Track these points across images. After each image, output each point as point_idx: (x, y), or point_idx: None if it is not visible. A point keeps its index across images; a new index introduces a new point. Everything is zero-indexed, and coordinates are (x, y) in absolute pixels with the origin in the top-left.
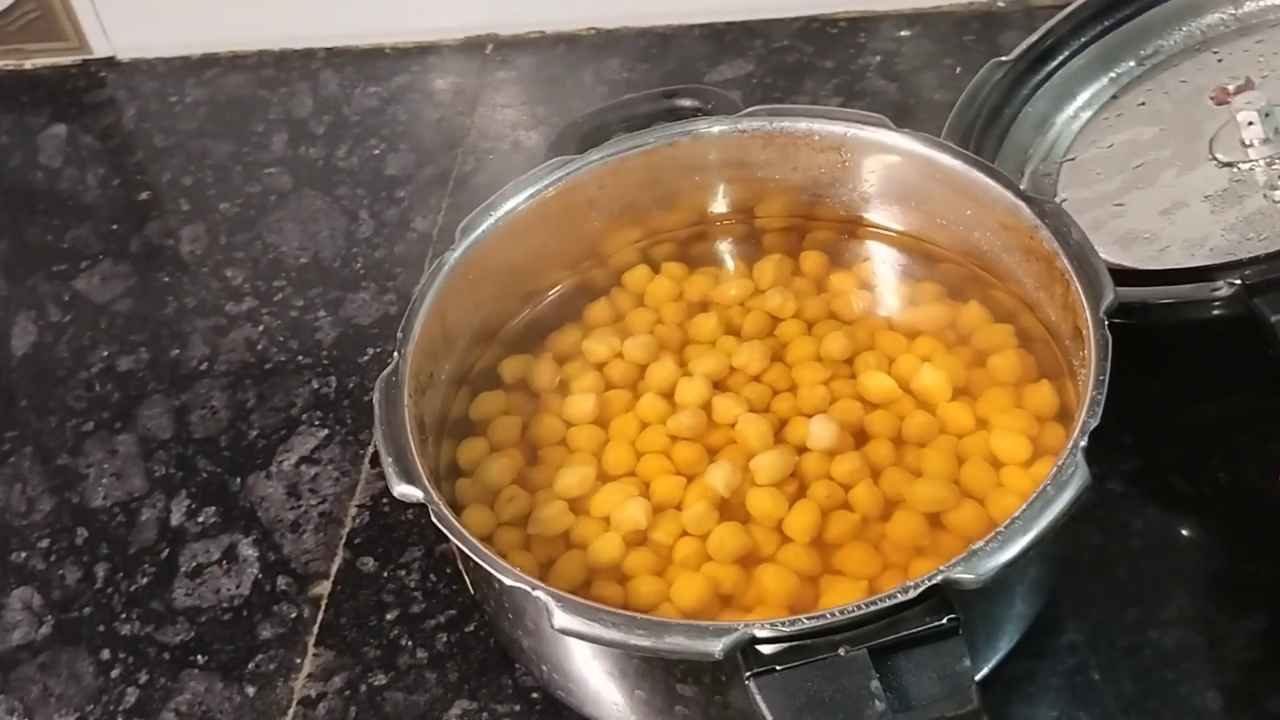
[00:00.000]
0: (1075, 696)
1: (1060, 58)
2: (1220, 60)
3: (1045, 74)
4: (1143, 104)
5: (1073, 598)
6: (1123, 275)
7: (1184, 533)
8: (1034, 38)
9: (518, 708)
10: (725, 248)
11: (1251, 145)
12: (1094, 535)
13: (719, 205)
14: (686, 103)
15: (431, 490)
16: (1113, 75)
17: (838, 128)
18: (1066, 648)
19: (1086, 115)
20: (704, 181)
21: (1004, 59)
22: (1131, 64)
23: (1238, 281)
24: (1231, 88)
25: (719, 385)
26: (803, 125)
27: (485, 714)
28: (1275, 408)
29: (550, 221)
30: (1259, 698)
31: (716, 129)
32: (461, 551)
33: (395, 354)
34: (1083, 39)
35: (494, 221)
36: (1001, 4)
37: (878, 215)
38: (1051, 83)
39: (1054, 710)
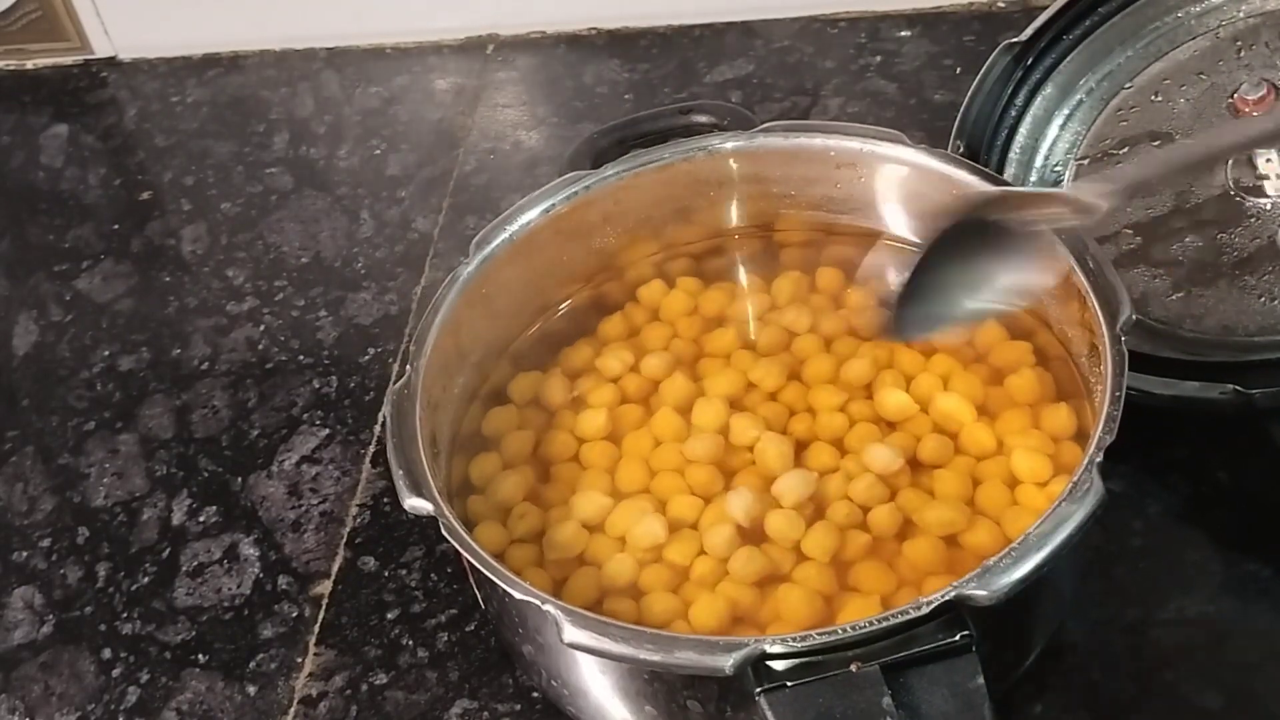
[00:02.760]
0: (1075, 696)
1: (1072, 38)
2: (1240, 53)
3: (1056, 57)
4: (1158, 98)
5: (1073, 598)
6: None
7: (1184, 533)
8: (1044, 18)
9: (518, 707)
10: (741, 263)
11: (1268, 179)
12: (1094, 535)
13: (734, 220)
14: (702, 118)
15: (442, 504)
16: (1124, 59)
17: (854, 143)
18: (1066, 648)
19: (1099, 104)
20: (719, 197)
21: (1015, 40)
22: (1145, 46)
23: (1250, 392)
24: (1252, 98)
25: (735, 404)
26: (818, 141)
27: (486, 713)
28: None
29: (565, 236)
30: (1259, 698)
31: (731, 144)
32: (472, 566)
33: (407, 367)
34: (1094, 19)
35: (508, 236)
36: (1001, 4)
37: (894, 230)
38: (1061, 69)
39: (1054, 710)
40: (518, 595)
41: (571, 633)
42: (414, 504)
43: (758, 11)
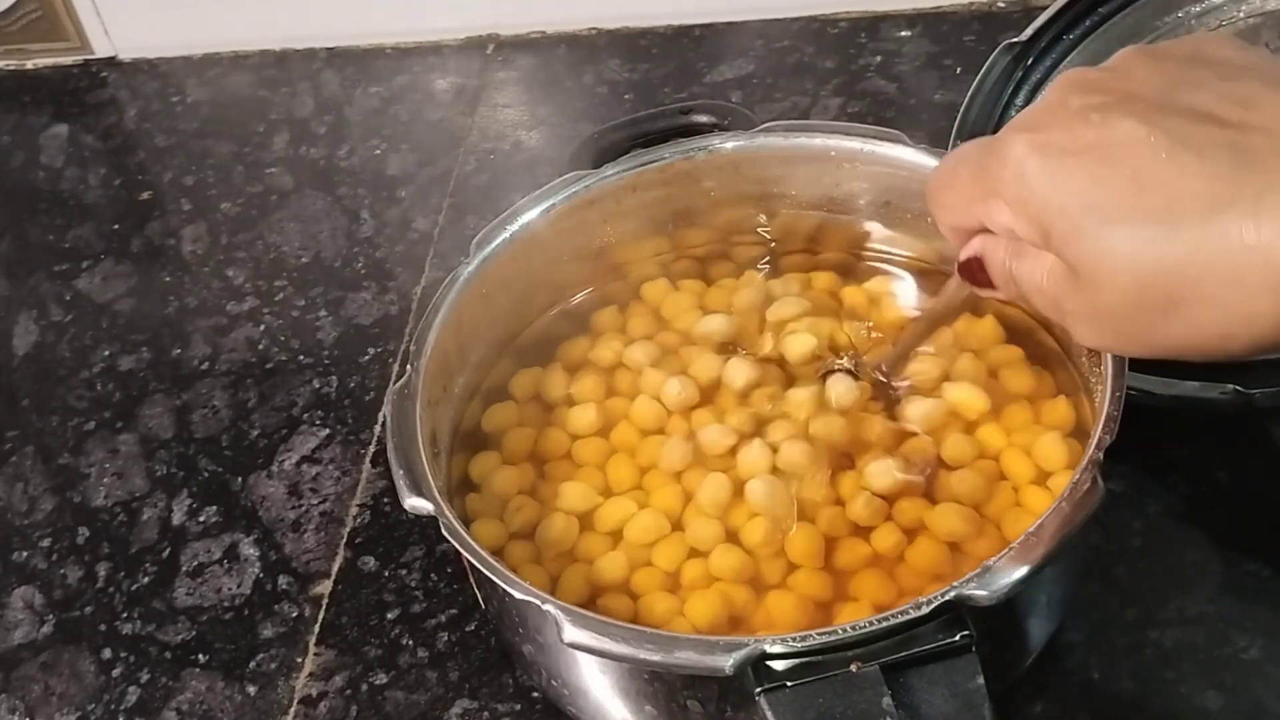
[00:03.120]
0: (1075, 696)
1: (1072, 38)
2: None
3: (1056, 57)
4: None
5: (1073, 598)
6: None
7: (1184, 533)
8: (1044, 18)
9: (518, 707)
10: (740, 263)
11: None
12: (1094, 535)
13: (735, 221)
14: (703, 118)
15: (442, 503)
16: None
17: (854, 143)
18: (1066, 647)
19: None
20: (720, 197)
21: (1015, 40)
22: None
23: (1250, 392)
24: None
25: (710, 400)
26: (819, 141)
27: (486, 713)
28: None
29: (565, 236)
30: (1259, 698)
31: (732, 144)
32: (472, 565)
33: (408, 366)
34: (1094, 19)
35: (509, 236)
36: (1002, 4)
37: (896, 230)
38: (1061, 69)
39: (1054, 710)
40: (518, 595)
41: (571, 632)
42: (414, 504)
43: (758, 11)
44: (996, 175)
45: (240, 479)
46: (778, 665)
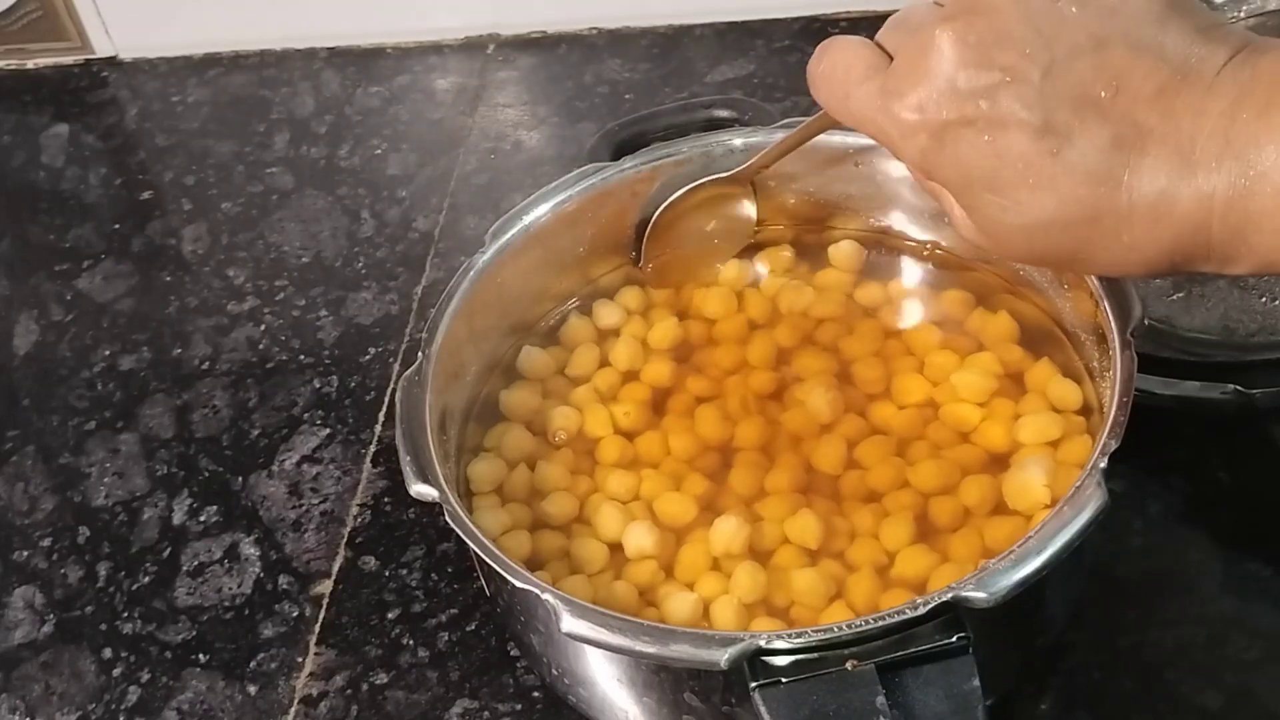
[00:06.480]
0: (1075, 696)
1: None
2: None
3: None
4: None
5: (1073, 598)
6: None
7: (1184, 533)
8: None
9: (519, 706)
10: (759, 259)
11: None
12: (1094, 535)
13: (752, 215)
14: (723, 113)
15: (447, 490)
16: None
17: (872, 140)
18: (1067, 647)
19: None
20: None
21: None
22: None
23: (1250, 392)
24: None
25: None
26: (836, 138)
27: (486, 713)
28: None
29: (581, 227)
30: (1259, 698)
31: (749, 140)
32: (478, 557)
33: (419, 354)
34: None
35: (524, 226)
36: None
37: (908, 226)
38: None
39: (1054, 710)
40: (518, 584)
41: (569, 622)
42: (420, 490)
43: (758, 11)
44: (894, 141)
45: (241, 479)
46: (774, 661)
